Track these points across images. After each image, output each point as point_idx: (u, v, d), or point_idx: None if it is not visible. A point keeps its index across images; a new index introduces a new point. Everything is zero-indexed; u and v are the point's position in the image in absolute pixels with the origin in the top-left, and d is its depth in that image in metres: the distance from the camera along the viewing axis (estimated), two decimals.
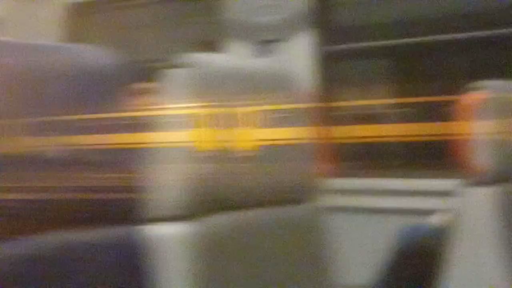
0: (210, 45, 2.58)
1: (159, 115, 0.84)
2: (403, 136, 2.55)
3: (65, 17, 3.06)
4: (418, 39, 2.46)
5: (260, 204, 1.09)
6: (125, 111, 0.87)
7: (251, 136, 1.03)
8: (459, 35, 2.43)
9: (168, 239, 0.96)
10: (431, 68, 2.61)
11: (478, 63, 2.52)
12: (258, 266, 1.11)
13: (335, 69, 2.49)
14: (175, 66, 0.90)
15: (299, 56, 2.45)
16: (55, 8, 3.11)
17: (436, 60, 2.58)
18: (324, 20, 2.45)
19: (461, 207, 1.82)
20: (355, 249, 2.24)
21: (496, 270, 1.77)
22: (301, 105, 1.15)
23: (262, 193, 1.10)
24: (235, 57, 2.39)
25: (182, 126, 0.84)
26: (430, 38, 2.44)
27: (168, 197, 0.94)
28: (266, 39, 2.51)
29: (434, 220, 2.02)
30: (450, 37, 2.42)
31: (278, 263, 1.15)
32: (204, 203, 0.98)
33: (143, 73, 1.03)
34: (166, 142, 0.84)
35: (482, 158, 1.69)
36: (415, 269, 1.96)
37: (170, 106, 0.84)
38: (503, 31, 2.33)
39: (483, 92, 1.74)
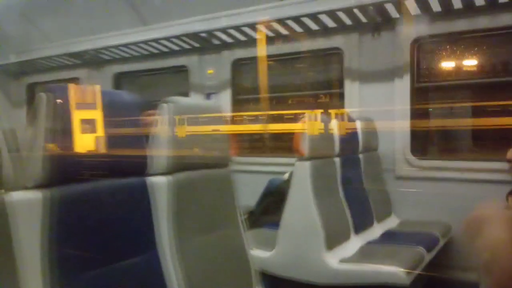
0: (184, 94, 4.72)
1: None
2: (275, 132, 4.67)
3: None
4: None
5: (205, 166, 1.73)
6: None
7: (202, 128, 1.65)
8: None
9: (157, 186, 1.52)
10: None
11: None
12: (205, 207, 1.69)
13: (239, 106, 4.70)
14: (166, 102, 1.59)
15: (225, 100, 4.59)
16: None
17: None
18: (235, 84, 4.66)
19: (293, 171, 2.85)
20: (249, 190, 2.91)
21: (310, 205, 2.73)
22: (224, 119, 1.83)
23: (205, 160, 1.72)
24: (196, 99, 4.38)
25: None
26: None
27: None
28: (210, 92, 4.68)
29: (284, 176, 3.53)
30: None
31: (214, 203, 1.75)
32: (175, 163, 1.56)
33: (152, 105, 1.68)
34: None
35: (303, 146, 2.78)
36: (275, 199, 3.31)
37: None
38: None
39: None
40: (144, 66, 5.16)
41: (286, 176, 3.52)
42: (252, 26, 4.12)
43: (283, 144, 4.42)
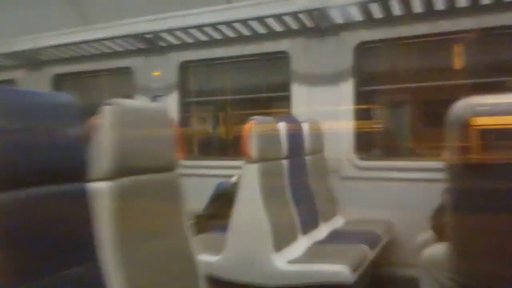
0: (130, 97, 4.60)
1: None
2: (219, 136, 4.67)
3: None
4: None
5: (150, 171, 1.66)
6: None
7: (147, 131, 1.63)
8: None
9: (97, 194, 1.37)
10: None
11: None
12: (150, 213, 1.63)
13: (187, 108, 4.67)
14: (108, 104, 1.51)
15: (171, 103, 4.51)
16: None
17: None
18: (182, 87, 4.59)
19: (241, 174, 2.86)
20: (197, 194, 2.95)
21: (258, 208, 2.73)
22: (171, 122, 1.81)
23: (151, 165, 1.66)
24: (141, 101, 4.21)
25: None
26: None
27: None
28: (156, 95, 4.59)
29: (233, 179, 3.53)
30: None
31: (160, 208, 1.69)
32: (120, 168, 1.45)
33: (94, 108, 1.57)
34: None
35: (251, 149, 2.77)
36: (224, 202, 3.22)
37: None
38: None
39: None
40: (86, 67, 4.99)
41: (234, 179, 3.52)
42: (199, 28, 4.09)
43: (232, 147, 4.47)
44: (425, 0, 3.39)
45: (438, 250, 1.83)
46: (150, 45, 4.53)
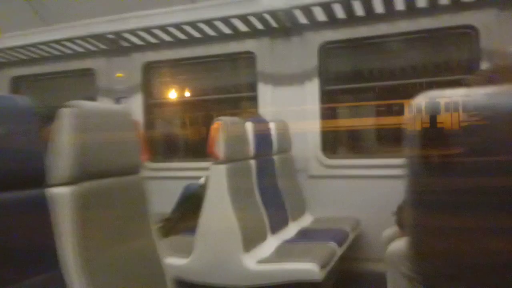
0: (92, 99, 4.48)
1: None
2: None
3: None
4: None
5: (113, 174, 1.61)
6: None
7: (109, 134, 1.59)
8: None
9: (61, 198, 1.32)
10: None
11: None
12: (114, 217, 1.60)
13: (151, 111, 4.59)
14: (67, 106, 1.47)
15: (136, 105, 4.43)
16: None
17: None
18: (146, 88, 4.53)
19: (210, 175, 2.84)
20: (166, 196, 3.27)
21: (226, 208, 2.71)
22: (134, 125, 1.76)
23: (114, 168, 1.61)
24: (103, 103, 4.14)
25: None
26: None
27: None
28: (119, 96, 4.49)
29: (201, 181, 3.48)
30: None
31: (125, 212, 1.66)
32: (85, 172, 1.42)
33: (54, 110, 1.50)
34: None
35: (218, 150, 2.77)
36: (192, 204, 3.20)
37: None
38: None
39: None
40: (46, 69, 4.84)
41: (202, 180, 3.49)
42: (163, 28, 4.03)
43: (200, 148, 4.43)
44: (386, 1, 3.46)
45: (402, 244, 1.87)
46: (113, 46, 4.42)
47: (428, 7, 3.52)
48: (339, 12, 3.67)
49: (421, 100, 1.02)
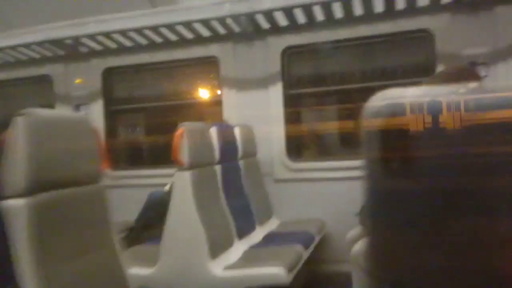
0: (49, 106, 4.35)
1: None
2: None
3: None
4: None
5: (71, 184, 1.58)
6: None
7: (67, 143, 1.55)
8: None
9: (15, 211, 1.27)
10: None
11: None
12: (74, 229, 1.54)
13: (112, 117, 4.49)
14: (21, 115, 1.43)
15: (95, 112, 4.33)
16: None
17: None
18: (107, 94, 4.42)
19: (174, 182, 2.83)
20: (130, 204, 3.39)
21: (192, 215, 2.66)
22: (94, 133, 1.75)
23: (72, 177, 1.59)
24: (60, 111, 4.03)
25: None
26: None
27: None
28: (78, 103, 4.39)
29: (165, 188, 3.47)
30: None
31: (85, 223, 1.61)
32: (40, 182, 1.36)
33: (7, 119, 1.45)
34: None
35: (182, 156, 2.72)
36: (157, 212, 3.19)
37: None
38: None
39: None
40: (1, 76, 4.64)
41: (167, 187, 3.44)
42: (123, 33, 3.95)
43: (164, 155, 4.39)
44: (345, 6, 3.53)
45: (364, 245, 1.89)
46: (71, 51, 4.30)
47: (385, 12, 3.61)
48: (301, 17, 3.71)
49: (375, 101, 1.03)
